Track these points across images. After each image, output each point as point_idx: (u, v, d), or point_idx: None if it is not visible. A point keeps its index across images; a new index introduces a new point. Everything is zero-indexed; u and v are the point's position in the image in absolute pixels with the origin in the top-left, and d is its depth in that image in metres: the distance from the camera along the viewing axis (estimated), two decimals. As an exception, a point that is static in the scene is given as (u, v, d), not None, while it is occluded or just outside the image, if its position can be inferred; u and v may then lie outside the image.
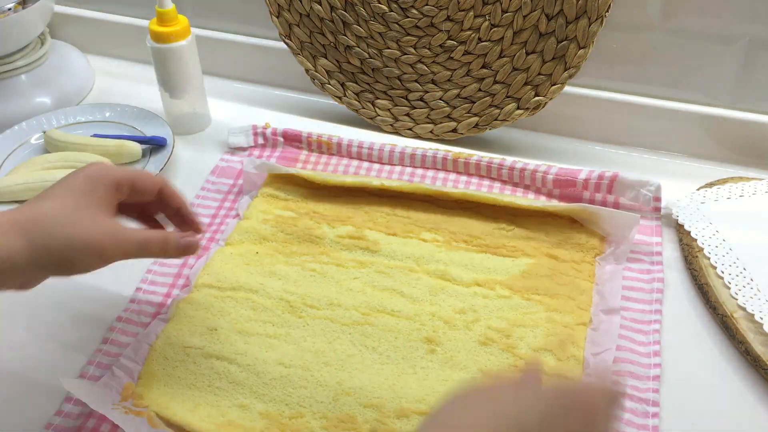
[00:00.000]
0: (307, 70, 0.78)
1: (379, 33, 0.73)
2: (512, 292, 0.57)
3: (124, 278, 0.61)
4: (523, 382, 0.39)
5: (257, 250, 0.61)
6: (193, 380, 0.51)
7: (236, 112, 0.81)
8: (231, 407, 0.50)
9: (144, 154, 0.73)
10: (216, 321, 0.55)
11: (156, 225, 0.54)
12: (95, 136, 0.75)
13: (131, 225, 0.51)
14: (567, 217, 0.62)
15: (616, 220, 0.60)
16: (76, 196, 0.46)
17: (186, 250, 0.49)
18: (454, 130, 0.75)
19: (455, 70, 0.72)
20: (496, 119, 0.73)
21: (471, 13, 0.69)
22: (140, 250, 0.47)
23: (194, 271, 0.60)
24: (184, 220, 0.52)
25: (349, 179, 0.66)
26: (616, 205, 0.66)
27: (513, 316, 0.55)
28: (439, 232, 0.62)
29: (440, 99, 0.74)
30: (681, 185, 0.67)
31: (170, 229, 0.53)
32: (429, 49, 0.72)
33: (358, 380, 0.51)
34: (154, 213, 0.53)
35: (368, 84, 0.77)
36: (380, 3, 0.71)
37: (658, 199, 0.64)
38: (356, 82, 0.77)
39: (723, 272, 0.57)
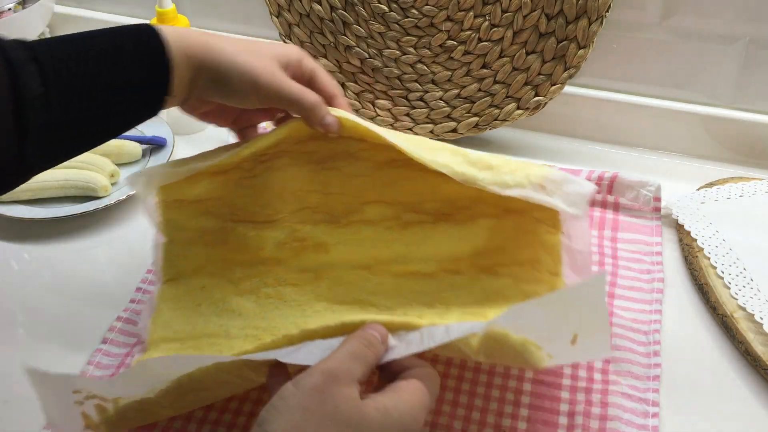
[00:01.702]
0: (307, 70, 0.78)
1: (379, 33, 0.73)
2: (478, 270, 0.51)
3: (124, 278, 0.61)
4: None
5: (202, 283, 0.54)
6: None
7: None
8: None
9: (144, 154, 0.73)
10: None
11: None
12: (95, 136, 0.75)
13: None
14: None
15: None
16: (260, 45, 0.49)
17: (328, 126, 0.50)
18: (454, 130, 0.75)
19: (455, 70, 0.72)
20: (496, 119, 0.73)
21: (471, 13, 0.69)
22: (292, 99, 0.48)
23: (143, 325, 0.54)
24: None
25: (245, 150, 0.52)
26: (616, 206, 0.66)
27: (484, 297, 0.50)
28: (384, 205, 0.54)
29: (440, 99, 0.74)
30: (681, 185, 0.67)
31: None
32: (429, 49, 0.72)
33: None
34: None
35: (368, 84, 0.77)
36: (380, 3, 0.71)
37: (658, 199, 0.64)
38: (356, 82, 0.77)
39: (723, 272, 0.57)
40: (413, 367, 0.42)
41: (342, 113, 0.51)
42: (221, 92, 0.48)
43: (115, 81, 0.44)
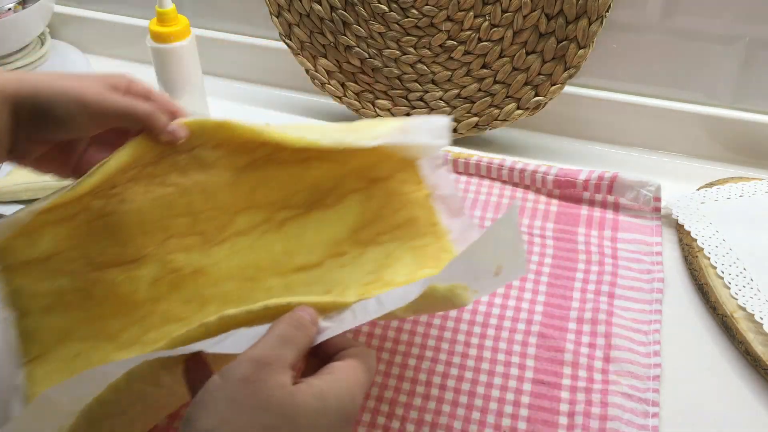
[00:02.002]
0: (307, 70, 0.78)
1: (379, 33, 0.73)
2: (362, 246, 0.51)
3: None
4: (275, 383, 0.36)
5: (74, 351, 0.46)
6: None
7: (236, 112, 0.81)
8: None
9: (144, 154, 0.73)
10: None
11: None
12: (95, 136, 0.75)
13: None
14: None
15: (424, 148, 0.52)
16: (83, 73, 0.47)
17: (173, 132, 0.46)
18: (454, 130, 0.75)
19: (455, 70, 0.72)
20: (496, 119, 0.73)
21: (471, 13, 0.69)
22: (126, 111, 0.44)
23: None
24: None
25: (88, 180, 0.46)
26: (616, 206, 0.66)
27: (376, 266, 0.49)
28: (254, 211, 0.51)
29: (440, 99, 0.74)
30: (681, 185, 0.67)
31: None
32: (429, 49, 0.72)
33: None
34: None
35: (368, 84, 0.77)
36: (380, 3, 0.71)
37: (658, 199, 0.64)
38: (356, 82, 0.77)
39: (723, 272, 0.57)
40: (347, 347, 0.40)
41: (185, 119, 0.47)
42: (48, 123, 0.43)
43: None
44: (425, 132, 0.51)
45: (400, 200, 0.52)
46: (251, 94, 0.86)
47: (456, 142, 0.76)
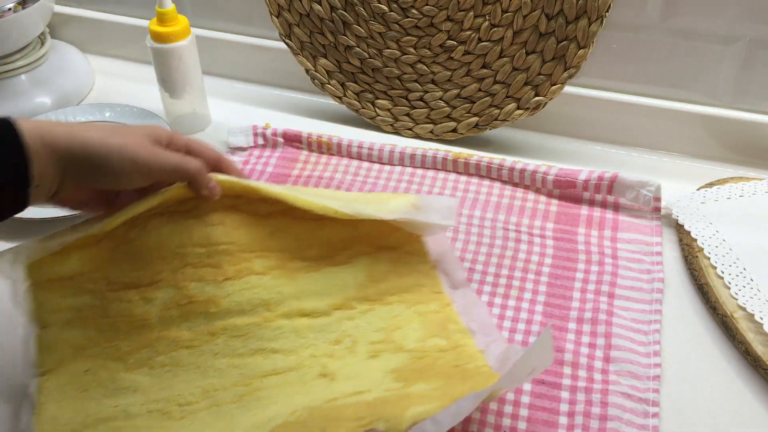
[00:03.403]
0: (307, 70, 0.78)
1: (379, 33, 0.73)
2: (371, 303, 0.54)
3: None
4: None
5: (85, 367, 0.49)
6: None
7: (236, 112, 0.81)
8: None
9: (144, 154, 0.73)
10: None
11: None
12: (95, 136, 0.75)
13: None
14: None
15: (431, 227, 0.57)
16: (126, 127, 0.49)
17: (214, 188, 0.50)
18: (454, 130, 0.75)
19: (455, 70, 0.72)
20: (496, 119, 0.73)
21: (471, 13, 0.69)
22: (176, 168, 0.48)
23: (26, 425, 0.47)
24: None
25: (118, 218, 0.50)
26: (616, 206, 0.66)
27: (385, 324, 0.53)
28: (268, 254, 0.54)
29: (440, 99, 0.74)
30: (681, 185, 0.67)
31: None
32: (429, 49, 0.72)
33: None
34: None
35: (368, 84, 0.77)
36: (380, 3, 0.71)
37: (658, 199, 0.64)
38: (356, 82, 0.77)
39: (723, 272, 0.57)
40: None
41: (219, 176, 0.51)
42: (101, 178, 0.46)
43: None
44: (436, 211, 0.56)
45: (406, 268, 0.56)
46: (251, 94, 0.86)
47: (456, 142, 0.76)
